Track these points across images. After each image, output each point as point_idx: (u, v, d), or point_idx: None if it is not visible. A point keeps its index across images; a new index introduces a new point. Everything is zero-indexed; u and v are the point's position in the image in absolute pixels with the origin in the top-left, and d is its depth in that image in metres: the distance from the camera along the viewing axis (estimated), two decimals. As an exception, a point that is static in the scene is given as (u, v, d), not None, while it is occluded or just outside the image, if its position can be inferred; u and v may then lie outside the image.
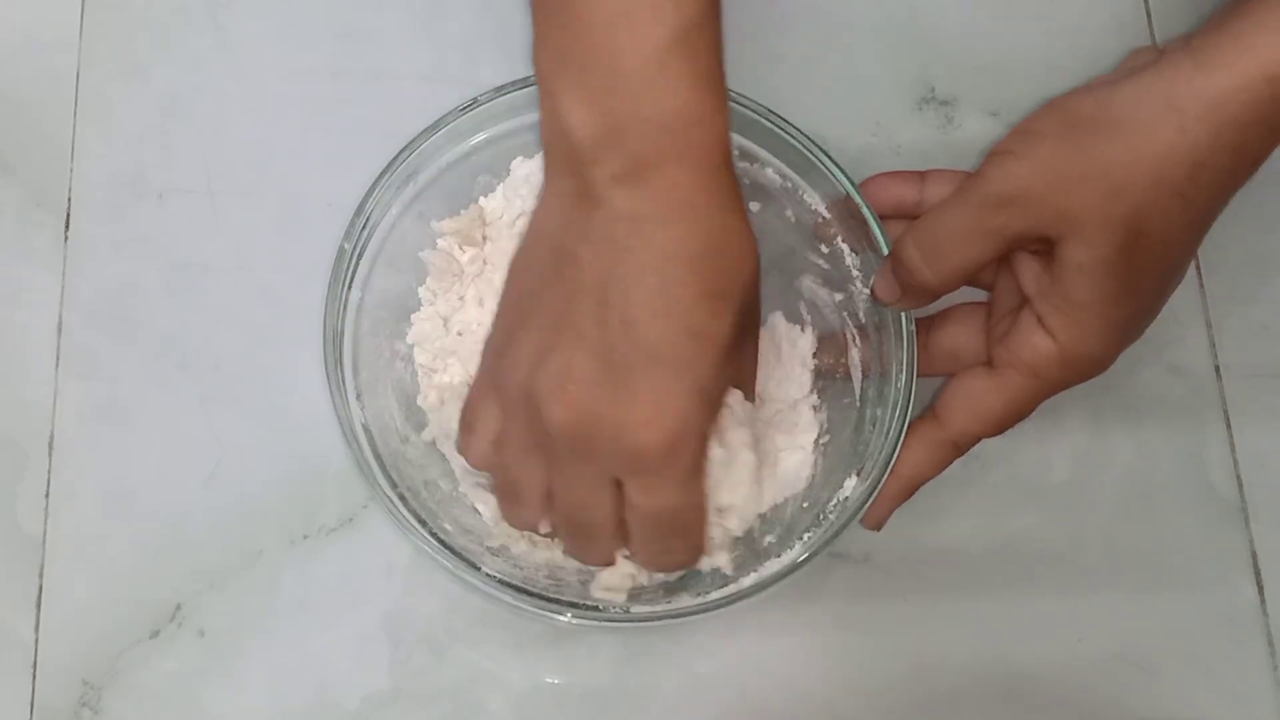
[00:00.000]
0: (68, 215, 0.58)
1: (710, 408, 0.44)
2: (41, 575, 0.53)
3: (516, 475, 0.47)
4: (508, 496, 0.48)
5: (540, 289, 0.45)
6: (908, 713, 0.54)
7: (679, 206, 0.42)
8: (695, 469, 0.45)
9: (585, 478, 0.45)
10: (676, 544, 0.47)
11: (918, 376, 0.51)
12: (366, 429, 0.50)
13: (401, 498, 0.49)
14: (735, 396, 0.48)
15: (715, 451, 0.47)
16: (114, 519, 0.54)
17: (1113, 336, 0.47)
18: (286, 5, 0.61)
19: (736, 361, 0.46)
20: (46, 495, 0.54)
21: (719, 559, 0.49)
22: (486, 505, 0.52)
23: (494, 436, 0.47)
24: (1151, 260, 0.46)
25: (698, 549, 0.48)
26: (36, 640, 0.53)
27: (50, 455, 0.55)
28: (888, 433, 0.50)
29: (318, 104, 0.60)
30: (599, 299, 0.43)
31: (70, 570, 0.54)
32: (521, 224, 0.53)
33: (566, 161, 0.43)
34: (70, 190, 0.58)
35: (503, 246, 0.54)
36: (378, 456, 0.50)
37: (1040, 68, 0.61)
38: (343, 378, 0.51)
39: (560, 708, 0.53)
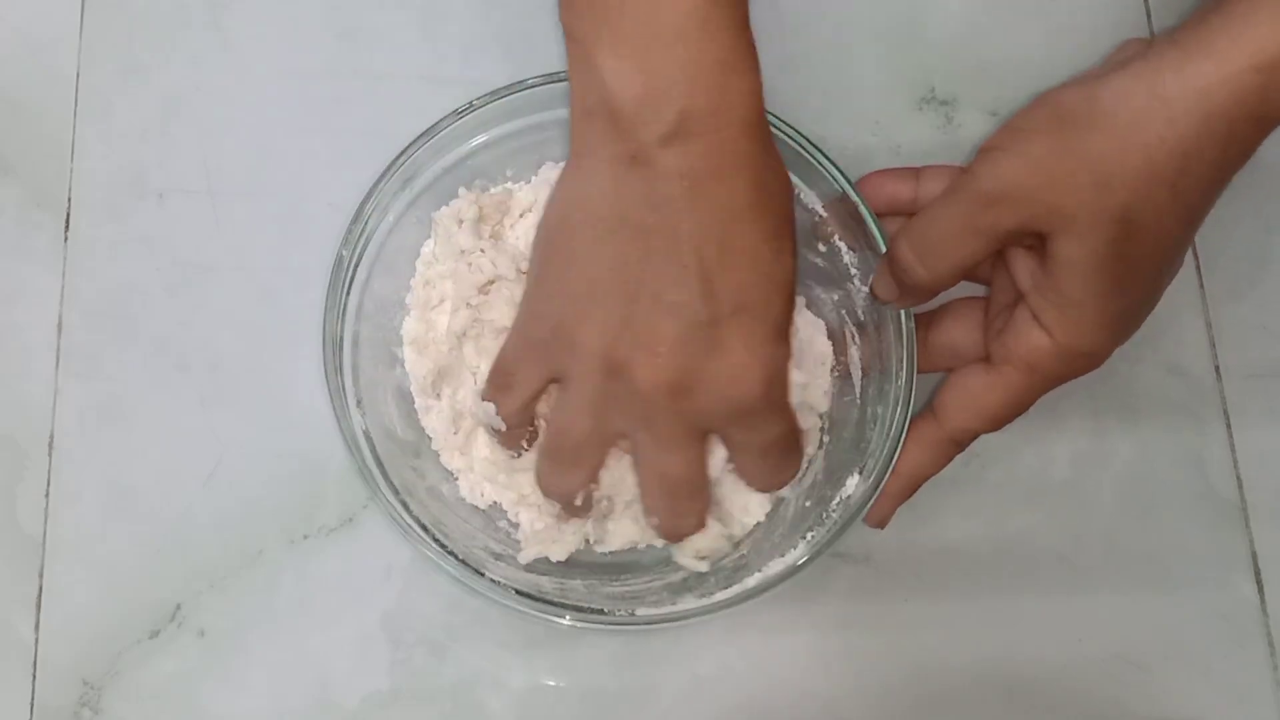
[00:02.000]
0: (68, 215, 0.58)
1: (787, 340, 0.47)
2: (41, 575, 0.53)
3: (581, 438, 0.48)
4: (563, 460, 0.49)
5: (598, 254, 0.45)
6: (908, 712, 0.54)
7: (731, 158, 0.44)
8: (787, 397, 0.48)
9: (682, 436, 0.47)
10: (786, 464, 0.50)
11: (917, 373, 0.51)
12: (367, 435, 0.50)
13: (404, 504, 0.49)
14: None
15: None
16: (114, 519, 0.54)
17: (1107, 330, 0.47)
18: (286, 5, 0.61)
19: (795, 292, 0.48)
20: (46, 495, 0.54)
21: (809, 450, 0.53)
22: (463, 477, 0.53)
23: (532, 396, 0.49)
24: (1144, 253, 0.46)
25: (800, 459, 0.51)
26: (36, 640, 0.53)
27: (50, 455, 0.55)
28: (889, 430, 0.50)
29: (318, 104, 0.60)
30: (671, 260, 0.44)
31: (70, 570, 0.54)
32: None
33: (609, 126, 0.44)
34: (70, 190, 0.58)
35: (510, 247, 0.54)
36: (379, 462, 0.50)
37: (1040, 68, 0.60)
38: (343, 384, 0.51)
39: (560, 708, 0.53)
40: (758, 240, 0.45)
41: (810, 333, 0.54)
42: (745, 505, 0.52)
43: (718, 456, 0.50)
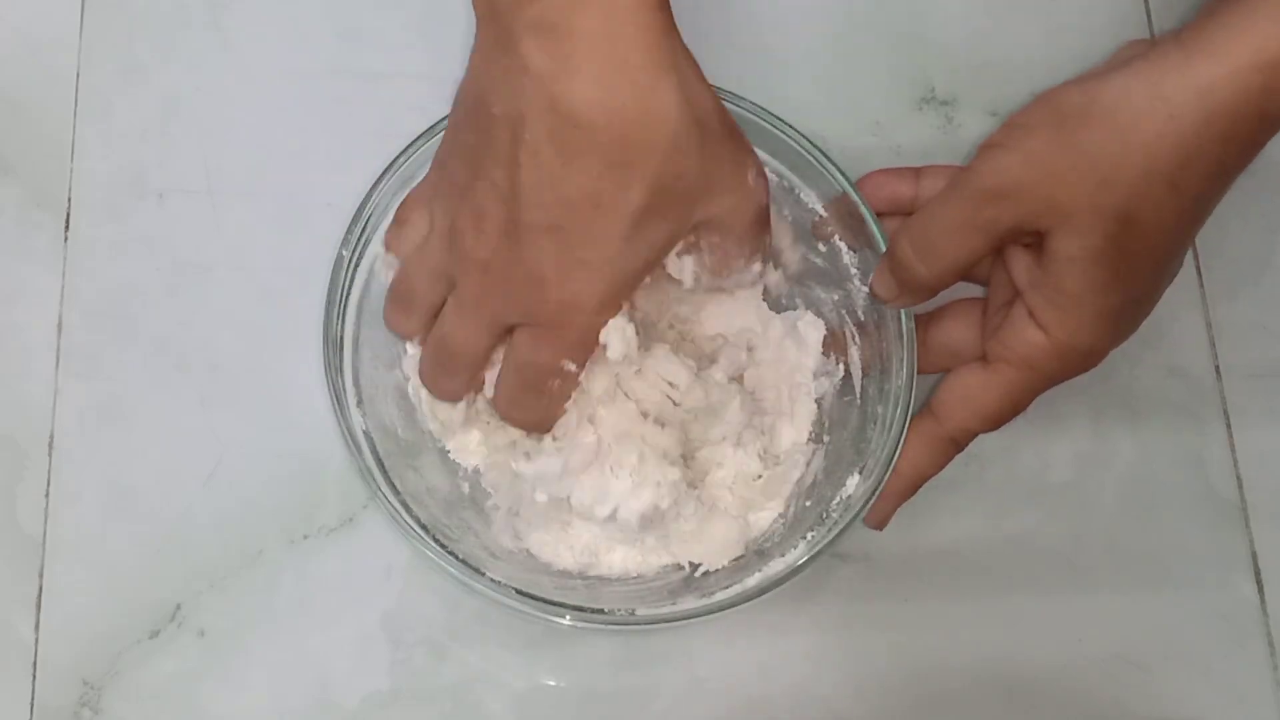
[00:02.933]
0: (68, 215, 0.58)
1: (612, 280, 0.44)
2: (41, 575, 0.53)
3: (415, 285, 0.49)
4: (399, 299, 0.50)
5: (466, 129, 0.45)
6: (908, 713, 0.54)
7: (588, 59, 0.41)
8: (582, 340, 0.46)
9: (478, 316, 0.46)
10: (532, 401, 0.48)
11: (916, 374, 0.51)
12: (368, 435, 0.50)
13: (404, 504, 0.49)
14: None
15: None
16: (114, 519, 0.54)
17: (1104, 328, 0.47)
18: (286, 5, 0.61)
19: (649, 239, 0.44)
20: (46, 495, 0.54)
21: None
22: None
23: (418, 240, 0.49)
24: (1143, 251, 0.46)
25: (550, 417, 0.49)
26: (36, 640, 0.53)
27: (50, 455, 0.55)
28: (889, 430, 0.50)
29: (318, 104, 0.60)
30: (508, 155, 0.43)
31: (70, 570, 0.54)
32: None
33: (486, 6, 0.43)
34: (70, 190, 0.58)
35: None
36: (379, 463, 0.50)
37: (1040, 68, 0.60)
38: (343, 385, 0.51)
39: (560, 708, 0.53)
40: (596, 162, 0.42)
41: (807, 333, 0.55)
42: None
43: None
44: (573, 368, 0.47)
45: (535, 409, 0.48)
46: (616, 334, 0.46)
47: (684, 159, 0.43)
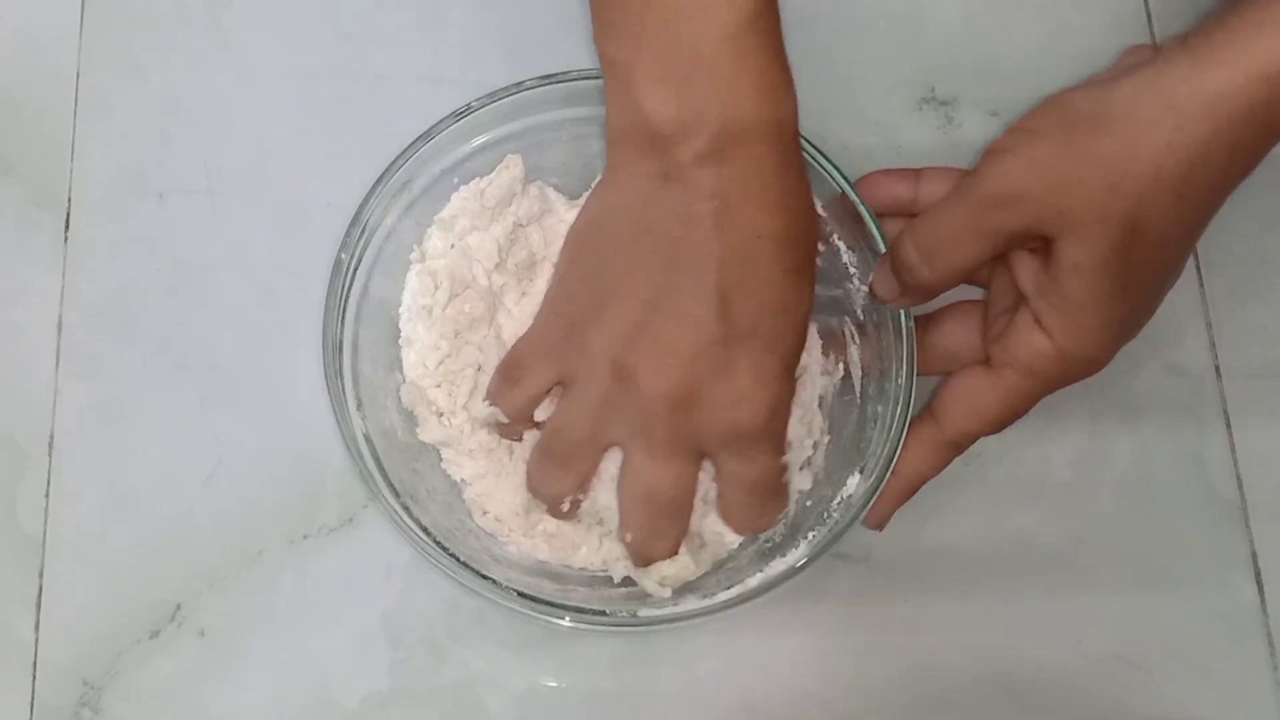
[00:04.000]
0: (68, 215, 0.58)
1: (794, 377, 0.48)
2: (41, 575, 0.53)
3: (577, 440, 0.49)
4: (555, 460, 0.49)
5: (622, 262, 0.46)
6: (908, 713, 0.54)
7: (762, 184, 0.45)
8: (784, 436, 0.48)
9: (676, 451, 0.47)
10: (770, 506, 0.50)
11: (915, 376, 0.51)
12: (368, 437, 0.50)
13: (405, 506, 0.49)
14: None
15: None
16: (114, 519, 0.54)
17: (1109, 335, 0.47)
18: (286, 5, 0.61)
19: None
20: (46, 495, 0.54)
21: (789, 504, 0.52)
22: (466, 473, 0.53)
23: (538, 393, 0.49)
24: (1148, 259, 0.46)
25: (783, 506, 0.51)
26: (36, 640, 0.53)
27: (50, 455, 0.55)
28: (889, 430, 0.50)
29: (318, 104, 0.60)
30: (694, 276, 0.45)
31: (70, 570, 0.54)
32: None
33: (645, 144, 0.44)
34: (70, 190, 0.58)
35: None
36: (379, 465, 0.50)
37: (1040, 68, 0.60)
38: (343, 387, 0.51)
39: (560, 709, 0.53)
40: (781, 270, 0.45)
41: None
42: (721, 531, 0.52)
43: (704, 485, 0.50)
44: (773, 464, 0.49)
45: (776, 510, 0.50)
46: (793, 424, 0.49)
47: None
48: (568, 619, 0.48)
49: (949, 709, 0.54)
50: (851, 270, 0.53)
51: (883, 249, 0.51)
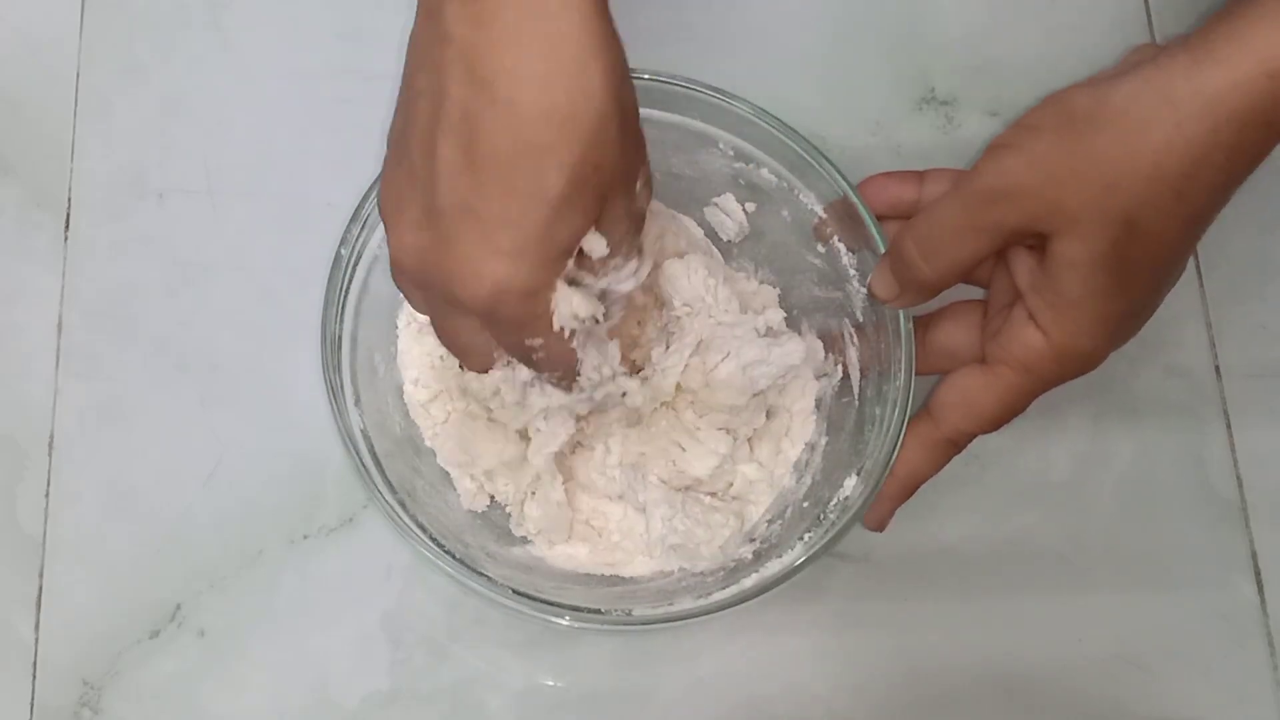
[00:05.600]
0: (68, 215, 0.58)
1: (536, 265, 0.41)
2: (41, 575, 0.54)
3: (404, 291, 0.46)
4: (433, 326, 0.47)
5: (400, 110, 0.43)
6: (907, 712, 0.54)
7: (509, 30, 0.38)
8: (525, 319, 0.42)
9: (435, 307, 0.44)
10: (545, 370, 0.45)
11: (915, 375, 0.51)
12: (365, 434, 0.50)
13: (401, 503, 0.49)
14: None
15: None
16: (114, 519, 0.54)
17: (1104, 332, 0.47)
18: (286, 5, 0.61)
19: (573, 217, 0.41)
20: (46, 495, 0.54)
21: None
22: None
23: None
24: (1146, 257, 0.45)
25: (569, 376, 0.46)
26: (36, 640, 0.53)
27: (50, 455, 0.55)
28: (887, 431, 0.50)
29: (318, 104, 0.60)
30: (427, 137, 0.40)
31: (70, 570, 0.54)
32: None
33: None
34: (70, 190, 0.58)
35: None
36: (376, 461, 0.50)
37: (1040, 68, 0.60)
38: (341, 383, 0.51)
39: (559, 708, 0.53)
40: (512, 145, 0.39)
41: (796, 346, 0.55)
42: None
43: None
44: (539, 341, 0.43)
45: (545, 369, 0.45)
46: (564, 303, 0.43)
47: (604, 150, 0.40)
48: (567, 618, 0.48)
49: (949, 709, 0.54)
50: (851, 272, 0.53)
51: (883, 250, 0.51)
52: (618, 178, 0.42)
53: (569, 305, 0.43)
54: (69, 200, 0.58)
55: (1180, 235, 0.45)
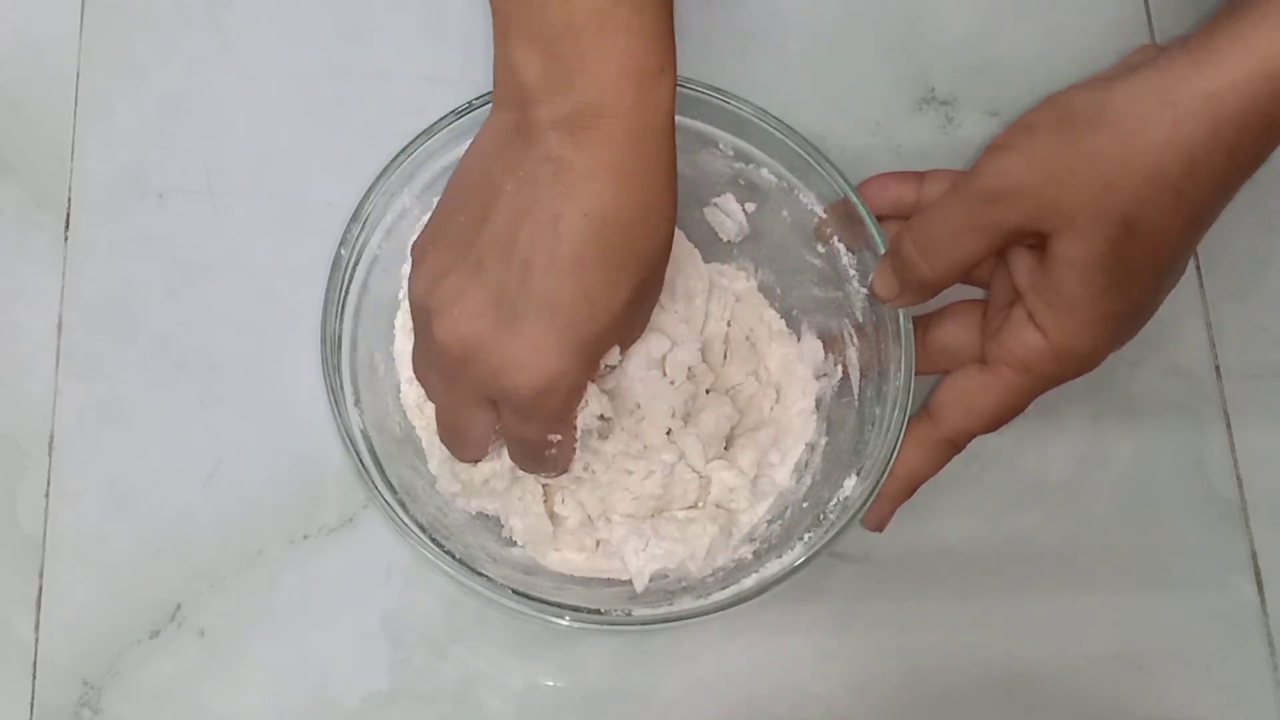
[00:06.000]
0: (68, 215, 0.58)
1: (587, 365, 0.45)
2: (41, 575, 0.54)
3: (419, 373, 0.50)
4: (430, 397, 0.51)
5: (461, 208, 0.46)
6: (907, 712, 0.54)
7: (608, 164, 0.43)
8: (562, 414, 0.47)
9: (459, 396, 0.47)
10: (539, 464, 0.49)
11: (914, 375, 0.51)
12: (365, 434, 0.50)
13: (401, 503, 0.49)
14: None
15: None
16: (114, 519, 0.54)
17: (1103, 332, 0.47)
18: (286, 5, 0.61)
19: (625, 328, 0.47)
20: (46, 495, 0.54)
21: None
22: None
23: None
24: (1145, 256, 0.45)
25: (562, 468, 0.50)
26: (36, 640, 0.53)
27: (50, 455, 0.55)
28: (887, 431, 0.50)
29: (318, 104, 0.60)
30: (508, 236, 0.44)
31: (70, 570, 0.54)
32: None
33: (512, 96, 0.44)
34: (70, 190, 0.58)
35: None
36: (376, 461, 0.50)
37: (1040, 68, 0.60)
38: (341, 383, 0.51)
39: (560, 708, 0.53)
40: (596, 259, 0.43)
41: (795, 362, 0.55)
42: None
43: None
44: (558, 438, 0.48)
45: (545, 467, 0.49)
46: (594, 401, 0.47)
47: (659, 270, 0.46)
48: (567, 618, 0.48)
49: (949, 709, 0.54)
50: (851, 272, 0.53)
51: (882, 251, 0.51)
52: (658, 288, 0.47)
53: (598, 405, 0.47)
54: (69, 200, 0.58)
55: (1180, 235, 0.45)
